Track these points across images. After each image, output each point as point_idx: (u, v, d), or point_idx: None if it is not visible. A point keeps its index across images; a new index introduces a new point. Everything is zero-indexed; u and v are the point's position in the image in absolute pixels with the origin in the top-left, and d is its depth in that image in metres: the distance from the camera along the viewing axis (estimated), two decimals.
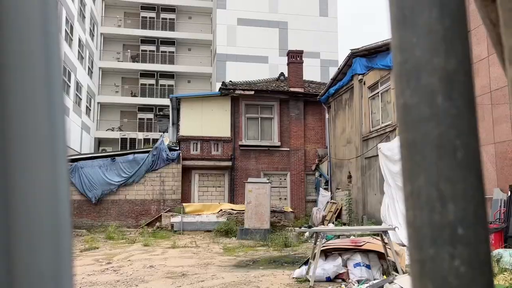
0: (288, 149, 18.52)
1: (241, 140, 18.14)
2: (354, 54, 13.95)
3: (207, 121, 18.03)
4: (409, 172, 0.43)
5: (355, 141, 14.53)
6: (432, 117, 0.45)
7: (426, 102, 0.46)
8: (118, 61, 32.92)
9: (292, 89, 18.84)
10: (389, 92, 12.27)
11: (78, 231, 15.04)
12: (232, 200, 17.80)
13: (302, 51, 19.94)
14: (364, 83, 13.88)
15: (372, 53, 13.27)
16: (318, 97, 17.86)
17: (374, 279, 6.11)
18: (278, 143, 18.40)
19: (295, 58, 19.55)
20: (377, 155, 12.11)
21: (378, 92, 13.06)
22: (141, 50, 33.32)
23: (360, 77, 14.04)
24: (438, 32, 0.47)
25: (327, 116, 17.88)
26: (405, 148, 0.45)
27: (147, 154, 17.01)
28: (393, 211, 10.89)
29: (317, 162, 18.48)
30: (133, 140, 30.73)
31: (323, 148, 18.70)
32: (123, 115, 32.89)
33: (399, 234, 10.13)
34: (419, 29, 0.48)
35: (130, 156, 16.98)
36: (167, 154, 17.01)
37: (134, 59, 33.44)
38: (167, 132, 23.44)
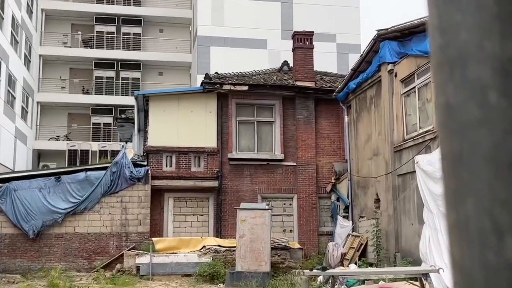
0: (294, 163, 18.54)
1: (231, 151, 18.16)
2: (382, 37, 14.04)
3: (185, 127, 18.05)
4: (454, 194, 0.43)
5: (384, 152, 14.57)
6: (484, 120, 0.44)
7: (475, 100, 0.45)
8: (65, 46, 33.01)
9: (299, 83, 18.93)
10: (429, 86, 12.36)
11: (9, 277, 14.91)
12: (219, 233, 17.76)
13: (313, 32, 20.09)
14: (396, 75, 13.97)
15: (405, 35, 13.37)
16: (334, 93, 17.95)
17: None
18: (281, 156, 18.42)
19: (303, 41, 19.69)
20: (414, 172, 12.14)
21: (415, 87, 13.15)
22: (96, 31, 33.44)
23: (390, 67, 14.14)
24: (491, 8, 0.47)
25: (346, 119, 17.95)
26: (448, 162, 0.45)
27: (104, 172, 16.98)
28: (437, 246, 10.89)
29: (333, 181, 18.50)
30: (85, 153, 30.67)
31: (341, 162, 18.73)
32: (71, 119, 32.86)
33: (445, 278, 10.10)
34: (466, 3, 0.47)
35: (81, 175, 16.94)
36: (131, 172, 17.00)
37: (86, 43, 33.53)
38: (131, 141, 23.39)
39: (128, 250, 16.27)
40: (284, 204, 18.57)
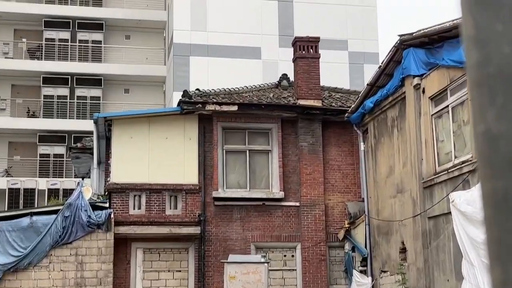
0: (297, 203, 18.48)
1: (217, 189, 18.10)
2: (406, 43, 14.16)
3: (158, 158, 18.01)
4: (499, 246, 0.43)
5: (411, 189, 14.55)
6: None
7: None
8: (6, 57, 33.11)
9: (302, 102, 19.00)
10: (466, 105, 12.44)
11: None
12: None
13: (318, 38, 20.26)
14: (424, 91, 14.05)
15: (435, 41, 13.50)
16: (347, 114, 17.98)
17: None
18: (281, 194, 18.37)
19: (306, 50, 19.84)
20: (449, 213, 12.12)
21: (447, 106, 13.22)
22: (45, 38, 33.64)
23: (416, 80, 14.22)
24: None
25: (362, 146, 17.96)
26: (490, 205, 0.46)
27: (54, 217, 16.83)
28: None
29: (347, 225, 18.42)
30: (30, 192, 30.49)
31: (356, 201, 18.67)
32: (13, 149, 32.74)
33: None
34: (508, 10, 0.49)
35: (25, 220, 16.78)
36: (89, 216, 16.88)
37: (33, 54, 33.66)
38: (89, 177, 23.26)
39: None
40: (285, 256, 18.42)
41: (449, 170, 12.84)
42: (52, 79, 32.82)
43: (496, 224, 0.47)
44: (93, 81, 33.18)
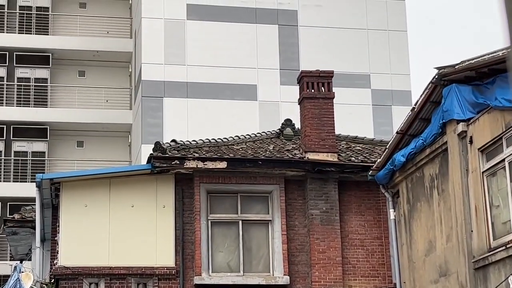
0: None
1: (200, 274, 17.97)
2: (446, 79, 14.21)
3: (121, 233, 17.95)
4: None
5: (459, 270, 14.43)
6: None
7: None
8: None
9: (312, 156, 19.03)
10: None
11: None
12: None
13: (332, 72, 20.41)
14: (471, 141, 14.05)
15: (484, 76, 13.56)
16: (371, 172, 17.98)
17: None
18: (285, 279, 18.25)
19: (316, 88, 19.95)
20: None
21: (503, 160, 13.20)
22: None
23: (461, 127, 14.23)
24: None
25: (392, 214, 17.91)
26: None
27: None
28: None
29: None
30: None
31: (385, 287, 18.53)
32: None
33: None
34: None
35: None
36: None
37: None
38: (30, 259, 23.04)
39: None
40: None
41: (508, 245, 12.74)
42: None
43: None
44: (36, 131, 33.19)
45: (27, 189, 28.22)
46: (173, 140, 19.67)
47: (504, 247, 12.90)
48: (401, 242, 17.58)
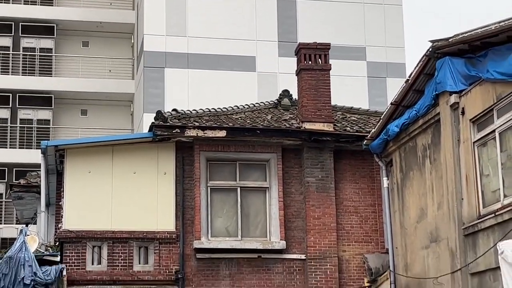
0: (302, 256, 18.45)
1: (199, 238, 18.03)
2: (440, 51, 14.13)
3: (123, 198, 18.00)
4: None
5: (449, 237, 14.48)
6: None
7: None
8: None
9: (308, 126, 19.02)
10: None
11: None
12: None
13: (329, 45, 20.34)
14: (463, 112, 14.02)
15: (477, 49, 13.49)
16: (366, 142, 17.99)
17: None
18: (281, 244, 18.32)
19: (313, 59, 19.90)
20: (498, 268, 12.03)
21: (494, 131, 13.17)
22: None
23: (453, 99, 14.20)
24: None
25: (385, 182, 17.94)
26: None
27: None
28: None
29: (367, 284, 18.37)
30: None
31: (379, 253, 18.63)
32: None
33: None
34: None
35: None
36: (35, 273, 16.77)
37: None
38: (35, 223, 23.12)
39: None
40: None
41: (497, 213, 12.76)
42: None
43: None
44: (41, 100, 33.16)
45: (33, 156, 28.27)
46: (174, 109, 19.65)
47: (493, 215, 12.92)
48: (393, 209, 17.63)
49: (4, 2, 34.10)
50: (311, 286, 18.25)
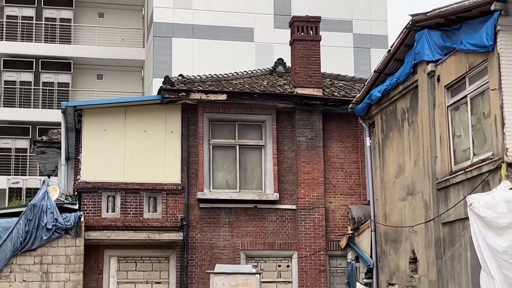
0: (293, 206, 18.55)
1: (202, 190, 18.13)
2: (419, 25, 14.16)
3: (135, 154, 18.04)
4: None
5: (424, 190, 14.60)
6: None
7: None
8: None
9: (300, 91, 19.05)
10: (487, 95, 12.46)
11: None
12: None
13: (319, 18, 20.28)
14: (439, 79, 14.07)
15: (452, 23, 13.48)
16: (351, 105, 18.04)
17: None
18: (275, 196, 18.42)
19: (305, 31, 19.86)
20: (467, 218, 12.15)
21: (466, 96, 13.24)
22: (6, 15, 33.51)
23: (430, 67, 14.24)
24: None
25: (368, 142, 18.01)
26: None
27: (16, 220, 16.82)
28: None
29: (350, 232, 18.49)
30: None
31: (361, 204, 18.75)
32: None
33: None
34: None
35: None
36: (56, 219, 16.87)
37: None
38: (56, 175, 23.20)
39: None
40: (279, 266, 18.49)
41: (467, 170, 12.87)
42: (14, 63, 32.69)
43: None
44: (61, 65, 33.06)
45: (54, 115, 28.26)
46: (180, 75, 19.64)
47: (463, 171, 13.02)
48: (375, 166, 17.74)
49: None
50: (301, 233, 18.40)
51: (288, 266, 18.48)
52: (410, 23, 14.35)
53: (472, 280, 12.52)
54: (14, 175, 31.45)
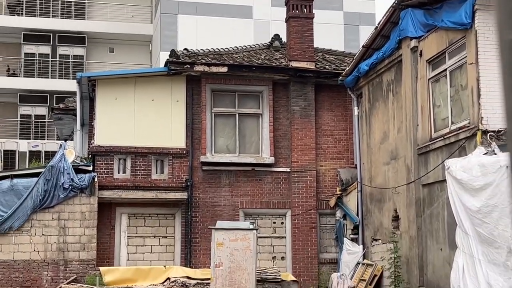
0: (287, 169, 18.58)
1: (205, 153, 18.14)
2: (404, 3, 14.10)
3: (144, 120, 18.00)
4: None
5: (406, 155, 14.64)
6: None
7: None
8: None
9: (294, 64, 18.97)
10: (464, 69, 12.43)
11: None
12: (188, 261, 17.73)
13: None
14: (421, 54, 14.04)
15: (434, 2, 13.44)
16: (341, 77, 18.00)
17: None
18: (271, 160, 18.45)
19: (299, 9, 19.73)
20: (444, 180, 12.21)
21: (445, 70, 13.22)
22: None
23: (413, 43, 14.21)
24: None
25: (356, 111, 18.02)
26: None
27: (35, 180, 16.85)
28: (473, 278, 10.95)
29: (338, 192, 18.55)
30: (10, 154, 30.44)
31: (349, 167, 18.78)
32: None
33: None
34: None
35: (5, 183, 16.79)
36: (72, 179, 16.91)
37: (13, 9, 33.27)
38: (72, 139, 23.22)
39: (68, 283, 16.14)
40: (274, 222, 18.57)
41: (445, 136, 12.91)
42: (33, 37, 32.49)
43: None
44: (76, 39, 32.88)
45: (70, 85, 28.12)
46: (185, 49, 19.55)
47: (442, 138, 13.07)
48: (362, 133, 17.76)
49: None
50: (294, 193, 18.46)
51: (282, 223, 18.58)
52: (396, 2, 14.31)
53: (449, 236, 12.62)
54: (34, 139, 31.45)
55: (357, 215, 17.61)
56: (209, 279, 14.61)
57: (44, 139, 31.42)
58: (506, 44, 0.42)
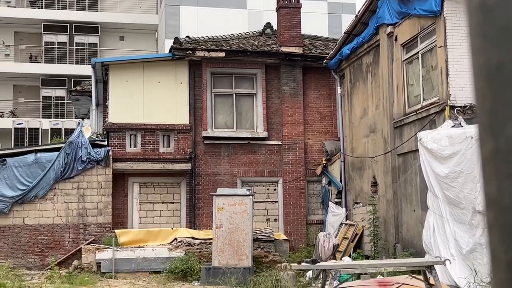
0: (279, 142, 18.59)
1: (206, 129, 18.13)
2: None
3: (151, 100, 17.94)
4: (491, 117, 0.40)
5: (383, 129, 14.66)
6: None
7: None
8: (9, 6, 32.39)
9: (284, 49, 18.88)
10: (434, 52, 12.39)
11: None
12: (192, 224, 17.79)
13: None
14: (396, 39, 14.00)
15: None
16: (325, 60, 17.95)
17: None
18: (264, 134, 18.45)
19: (288, 0, 19.59)
20: (417, 150, 12.24)
21: (418, 53, 13.19)
22: None
23: (389, 29, 14.15)
24: None
25: (339, 90, 17.99)
26: (482, 78, 0.42)
27: (56, 154, 16.84)
28: (442, 236, 11.03)
29: (324, 162, 18.60)
30: (34, 132, 30.34)
31: (333, 140, 18.80)
32: (18, 92, 32.43)
33: (452, 271, 10.26)
34: None
35: (30, 157, 16.79)
36: (89, 153, 16.91)
37: (34, 3, 32.95)
38: (88, 118, 23.18)
39: (87, 244, 16.22)
40: (268, 189, 18.64)
41: (418, 112, 12.92)
42: (52, 27, 32.24)
43: (487, 96, 0.43)
44: (90, 28, 32.64)
45: (85, 70, 27.95)
46: (187, 36, 19.43)
47: (415, 113, 13.07)
48: (344, 109, 17.76)
49: None
50: (285, 163, 18.51)
51: (274, 189, 18.64)
52: None
53: (421, 199, 12.68)
54: (55, 118, 31.37)
55: (341, 181, 17.68)
56: (211, 239, 14.69)
57: (63, 118, 31.33)
58: (472, 9, 0.40)
